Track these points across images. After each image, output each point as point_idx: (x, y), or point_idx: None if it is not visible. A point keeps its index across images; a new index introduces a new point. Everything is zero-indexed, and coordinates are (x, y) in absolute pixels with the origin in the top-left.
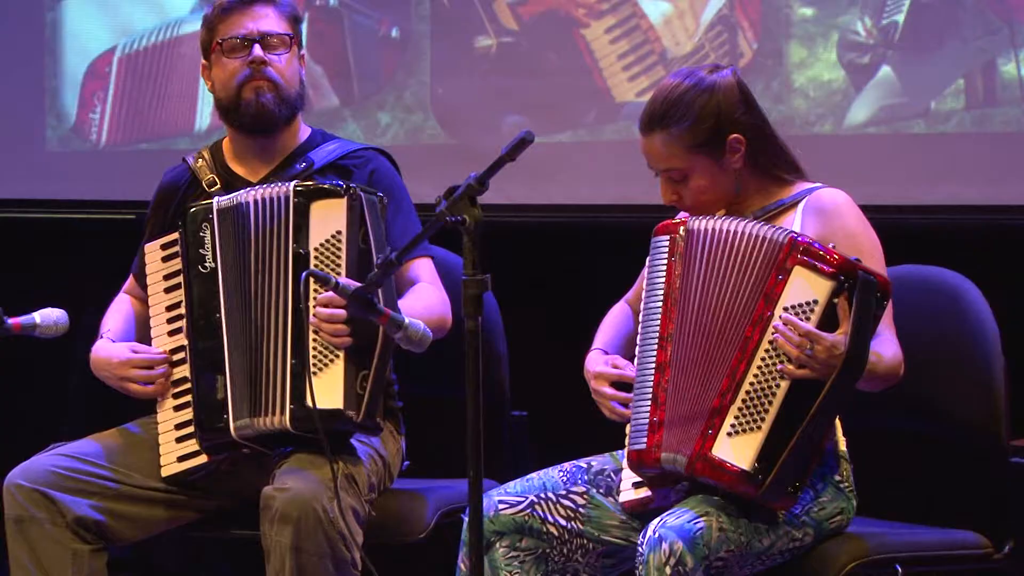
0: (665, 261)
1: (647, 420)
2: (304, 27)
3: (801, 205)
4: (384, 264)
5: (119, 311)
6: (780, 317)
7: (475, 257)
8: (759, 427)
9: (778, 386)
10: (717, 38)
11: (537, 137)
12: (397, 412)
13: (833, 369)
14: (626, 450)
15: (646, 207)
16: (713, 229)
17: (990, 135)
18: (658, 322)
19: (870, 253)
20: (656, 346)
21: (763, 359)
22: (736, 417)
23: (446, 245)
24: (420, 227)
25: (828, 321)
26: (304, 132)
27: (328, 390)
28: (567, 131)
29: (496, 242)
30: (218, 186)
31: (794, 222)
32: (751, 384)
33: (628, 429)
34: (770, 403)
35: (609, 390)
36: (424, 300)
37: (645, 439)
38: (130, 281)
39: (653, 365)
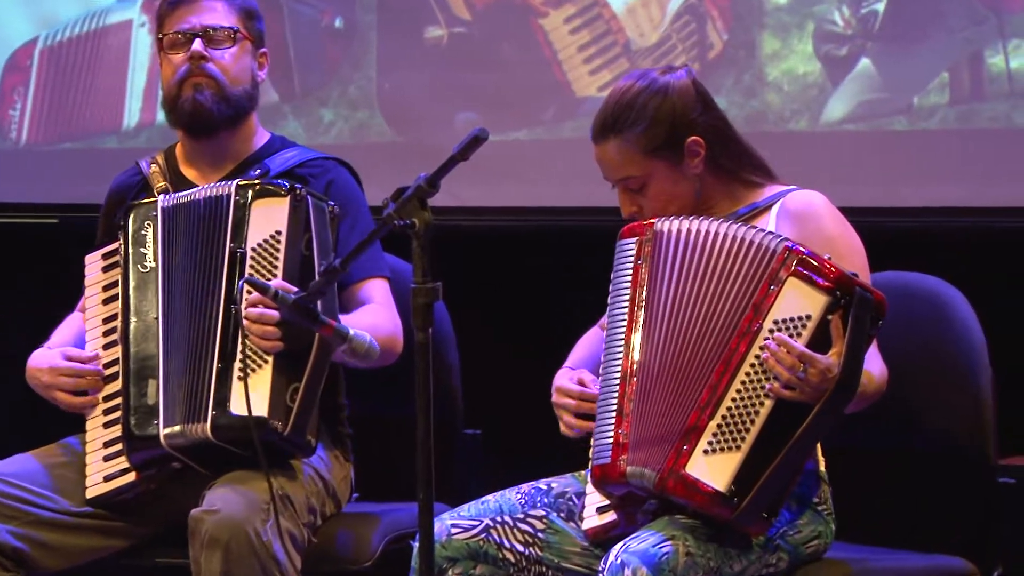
0: (631, 265)
1: (612, 434)
2: None
3: (775, 208)
4: (327, 271)
5: (69, 325)
6: (772, 335)
7: (425, 264)
8: (738, 447)
9: (762, 405)
10: (684, 28)
11: (492, 135)
12: (347, 439)
13: (824, 393)
14: (590, 466)
15: (610, 210)
16: (686, 230)
17: (976, 132)
18: (623, 330)
19: (851, 259)
20: (621, 355)
21: (748, 375)
22: (715, 434)
23: (394, 251)
24: (379, 248)
25: (820, 339)
26: (261, 137)
27: (252, 397)
28: (524, 128)
29: (448, 248)
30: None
31: (768, 227)
32: (733, 400)
33: (592, 444)
34: (752, 422)
35: (570, 401)
36: (371, 319)
37: (610, 453)
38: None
39: (618, 375)
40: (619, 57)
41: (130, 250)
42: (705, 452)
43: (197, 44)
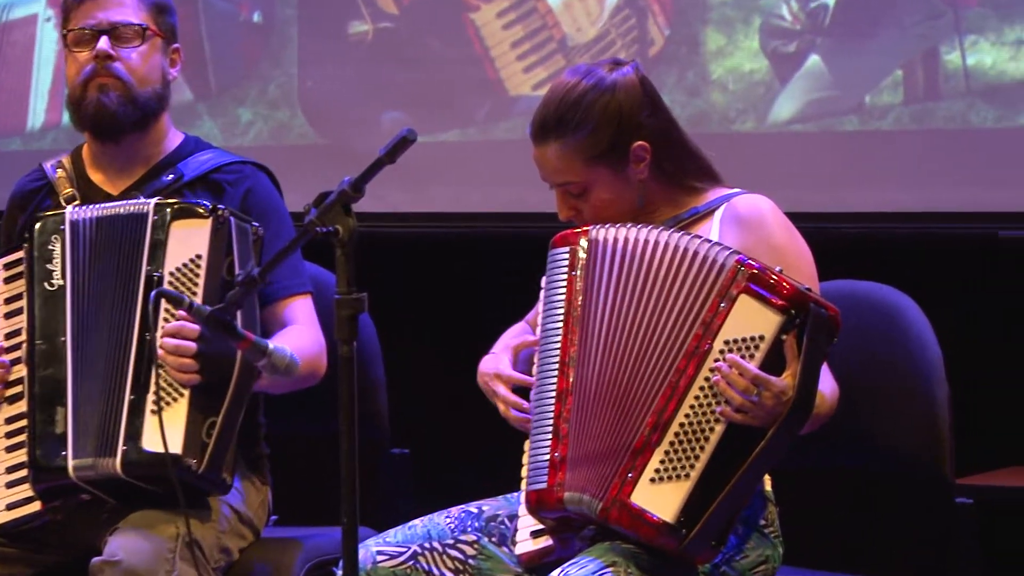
0: (565, 276)
1: (548, 457)
2: None
3: (718, 214)
4: (246, 282)
5: None
6: (723, 356)
7: (349, 273)
8: (687, 475)
9: (712, 430)
10: (624, 23)
11: (420, 136)
12: (264, 460)
13: (778, 417)
14: (524, 491)
15: (545, 215)
16: (623, 239)
17: (932, 132)
18: (558, 345)
19: (799, 268)
20: (556, 372)
21: (697, 398)
22: (662, 461)
23: (317, 259)
24: (300, 261)
25: (773, 360)
26: (174, 138)
27: (166, 432)
28: (454, 129)
29: (374, 256)
30: (77, 201)
31: (710, 233)
32: (681, 425)
33: (525, 468)
34: (702, 448)
35: (511, 395)
36: (295, 342)
37: (546, 478)
38: None
39: (553, 393)
40: (555, 54)
41: (35, 265)
42: (652, 480)
43: (103, 42)
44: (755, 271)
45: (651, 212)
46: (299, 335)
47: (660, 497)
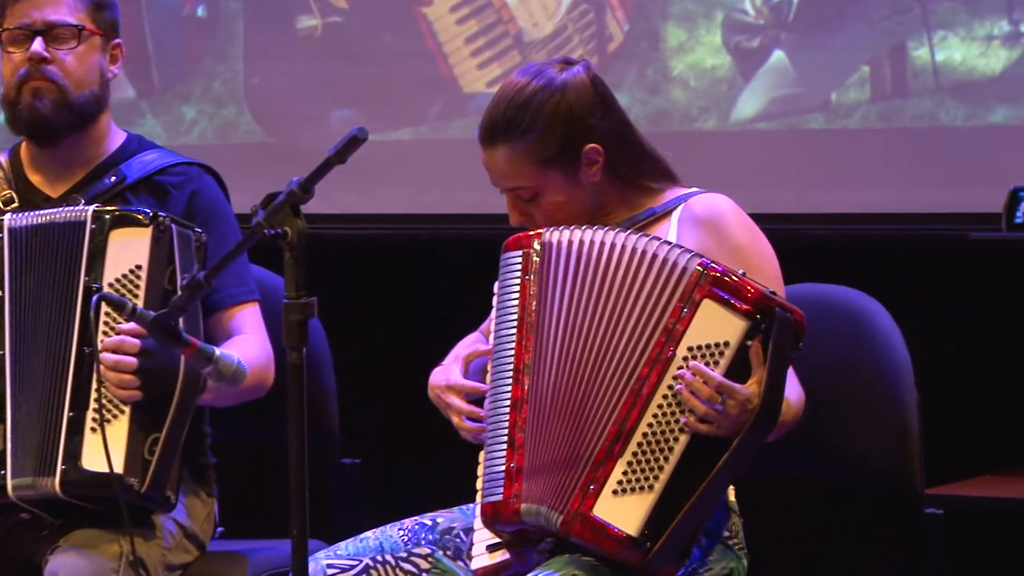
0: (517, 281)
1: (503, 467)
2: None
3: (675, 214)
4: (190, 285)
5: None
6: (687, 364)
7: (298, 277)
8: (651, 487)
9: (676, 440)
10: (582, 18)
11: (371, 135)
12: (210, 471)
13: (743, 425)
14: (479, 503)
15: (500, 216)
16: (578, 241)
17: (900, 131)
18: (511, 352)
19: (762, 269)
20: (510, 380)
21: (660, 407)
22: (625, 472)
23: (264, 263)
24: (247, 267)
25: (738, 367)
26: (116, 138)
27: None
28: (407, 127)
29: (323, 259)
30: (16, 204)
31: (668, 235)
32: (644, 436)
33: (480, 479)
34: (666, 459)
35: (465, 405)
36: (241, 350)
37: (501, 489)
38: None
39: (507, 402)
40: (510, 50)
41: None
42: (615, 492)
43: (37, 44)
44: (718, 274)
45: (606, 214)
46: (246, 344)
47: (623, 510)
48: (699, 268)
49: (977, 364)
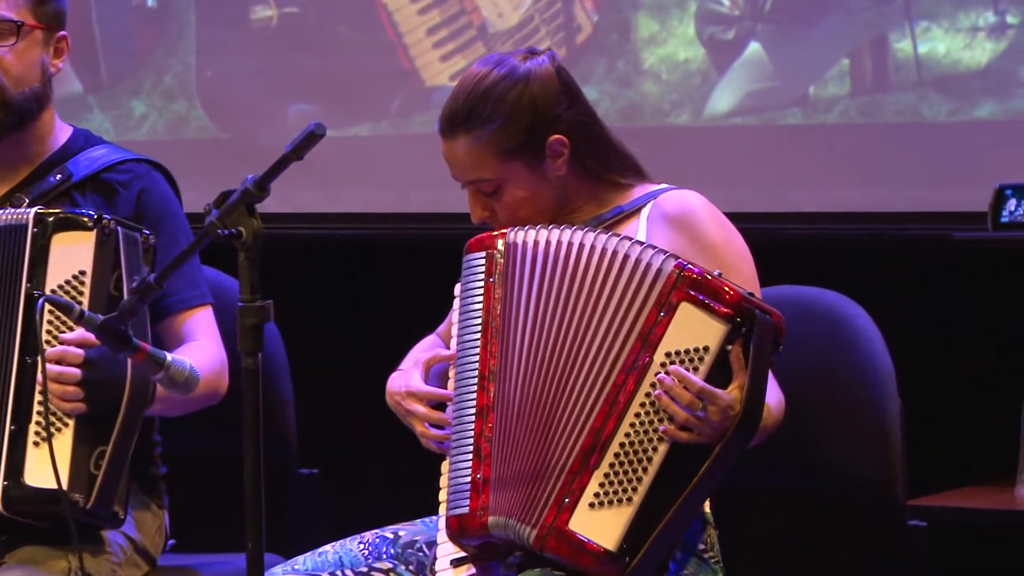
0: (481, 283)
1: (469, 478)
2: None
3: (645, 212)
4: (140, 288)
5: None
6: (667, 368)
7: (253, 279)
8: (629, 499)
9: (655, 450)
10: (549, 8)
11: (329, 130)
12: (160, 481)
13: (725, 432)
14: (443, 516)
15: (465, 216)
16: (544, 241)
17: (881, 127)
18: (476, 358)
19: (738, 268)
20: (475, 387)
21: (638, 415)
22: (602, 485)
23: (217, 264)
24: (198, 269)
25: (718, 372)
26: (62, 133)
27: (49, 466)
28: (366, 123)
29: (280, 260)
30: None
31: (637, 233)
32: (622, 446)
33: (444, 491)
34: (644, 470)
35: (424, 409)
36: (194, 356)
37: (467, 502)
38: None
39: (472, 410)
40: (474, 41)
41: None
42: (591, 505)
43: None
44: (696, 276)
45: (572, 212)
46: (199, 350)
47: (601, 523)
48: (675, 270)
49: (961, 370)
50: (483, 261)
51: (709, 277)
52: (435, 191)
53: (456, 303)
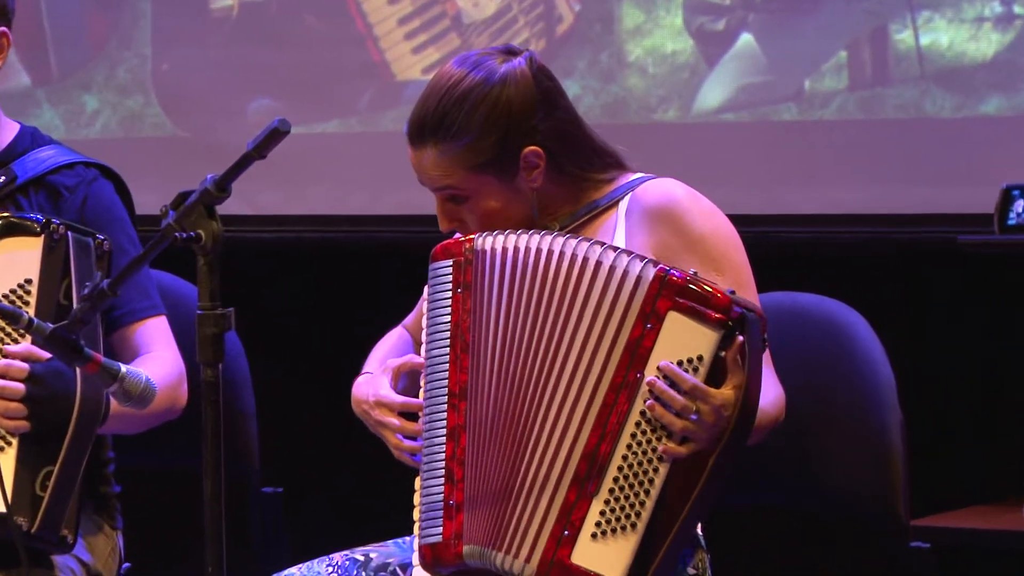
0: (448, 294)
1: (441, 503)
2: None
3: (622, 206)
4: (92, 295)
5: None
6: (658, 366)
7: (214, 285)
8: (633, 525)
9: (656, 471)
10: None
11: (294, 127)
12: (113, 501)
13: (721, 436)
14: (416, 538)
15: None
16: (512, 248)
17: (881, 123)
18: (445, 373)
19: (729, 258)
20: (445, 405)
21: (634, 435)
22: (603, 513)
23: (174, 270)
24: (151, 279)
25: (712, 380)
26: (8, 131)
27: None
28: (333, 119)
29: (242, 265)
30: None
31: (614, 231)
32: (620, 470)
33: (418, 516)
34: (647, 493)
35: (396, 421)
36: (150, 369)
37: (440, 529)
38: None
39: (443, 430)
40: (448, 32)
41: None
42: (594, 536)
43: None
44: (680, 281)
45: (550, 214)
46: (155, 362)
47: (605, 554)
48: (656, 276)
49: (967, 381)
50: (450, 270)
51: (696, 281)
52: (407, 192)
53: (425, 312)
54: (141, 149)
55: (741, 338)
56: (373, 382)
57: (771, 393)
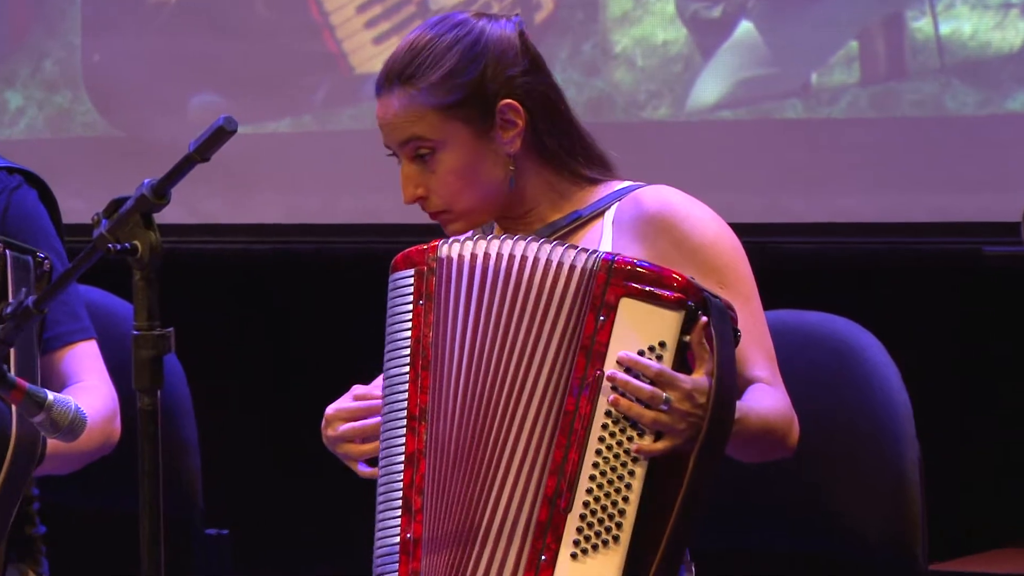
0: (409, 307)
1: (397, 539)
2: None
3: (609, 216)
4: (17, 314)
5: None
6: (617, 359)
7: (151, 303)
8: (616, 538)
9: (632, 474)
10: None
11: (241, 126)
12: (38, 543)
13: (698, 426)
14: None
15: (404, 228)
16: (482, 254)
17: (896, 121)
18: (404, 395)
19: (734, 269)
20: (403, 429)
21: (603, 439)
22: (580, 530)
23: (107, 286)
24: (79, 298)
25: (681, 370)
26: None
27: None
28: (285, 117)
29: (182, 280)
30: None
31: (599, 242)
32: (592, 479)
33: (374, 550)
34: (625, 500)
35: (349, 427)
36: (80, 400)
37: (396, 567)
38: None
39: (400, 458)
40: (413, 19)
41: None
42: (574, 556)
43: None
44: (630, 266)
45: (528, 211)
46: (85, 392)
47: (589, 574)
48: (602, 265)
49: (991, 410)
50: (411, 280)
51: (647, 265)
52: (367, 198)
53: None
54: (70, 150)
55: (705, 318)
56: (332, 405)
57: (780, 401)
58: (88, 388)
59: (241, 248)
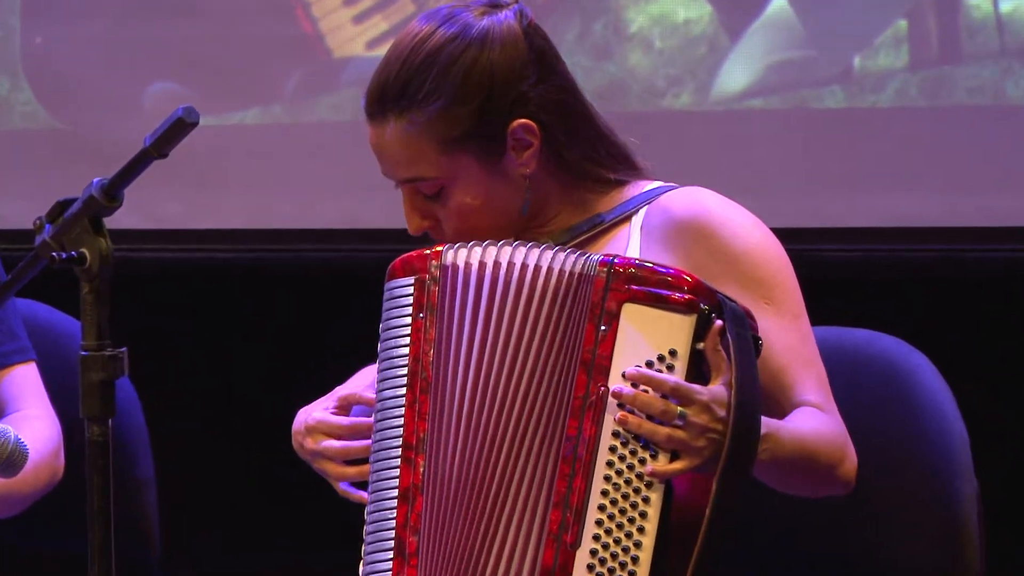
0: (407, 321)
1: None
2: None
3: (636, 221)
4: None
5: None
6: (623, 374)
7: (101, 318)
8: (632, 573)
9: (647, 501)
10: None
11: (203, 117)
12: None
13: (719, 443)
14: None
15: (386, 233)
16: (492, 263)
17: (950, 111)
18: (399, 420)
19: (781, 287)
20: (398, 460)
21: (611, 463)
22: (590, 567)
23: (50, 300)
24: (18, 319)
25: (695, 380)
26: None
27: None
28: (253, 107)
29: (137, 293)
30: None
31: (626, 250)
32: (602, 509)
33: None
34: (641, 532)
35: (336, 444)
36: (22, 434)
37: None
38: None
39: (394, 491)
40: None
41: None
42: None
43: None
44: (633, 268)
45: (546, 221)
46: (26, 422)
47: None
48: (602, 269)
49: None
50: (411, 290)
51: (651, 265)
52: (347, 200)
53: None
54: (8, 145)
55: (720, 323)
56: (309, 408)
57: (826, 425)
58: (28, 418)
59: (204, 257)
